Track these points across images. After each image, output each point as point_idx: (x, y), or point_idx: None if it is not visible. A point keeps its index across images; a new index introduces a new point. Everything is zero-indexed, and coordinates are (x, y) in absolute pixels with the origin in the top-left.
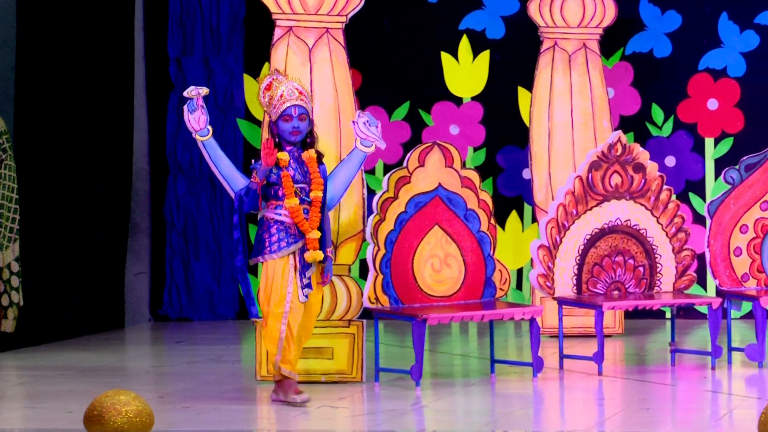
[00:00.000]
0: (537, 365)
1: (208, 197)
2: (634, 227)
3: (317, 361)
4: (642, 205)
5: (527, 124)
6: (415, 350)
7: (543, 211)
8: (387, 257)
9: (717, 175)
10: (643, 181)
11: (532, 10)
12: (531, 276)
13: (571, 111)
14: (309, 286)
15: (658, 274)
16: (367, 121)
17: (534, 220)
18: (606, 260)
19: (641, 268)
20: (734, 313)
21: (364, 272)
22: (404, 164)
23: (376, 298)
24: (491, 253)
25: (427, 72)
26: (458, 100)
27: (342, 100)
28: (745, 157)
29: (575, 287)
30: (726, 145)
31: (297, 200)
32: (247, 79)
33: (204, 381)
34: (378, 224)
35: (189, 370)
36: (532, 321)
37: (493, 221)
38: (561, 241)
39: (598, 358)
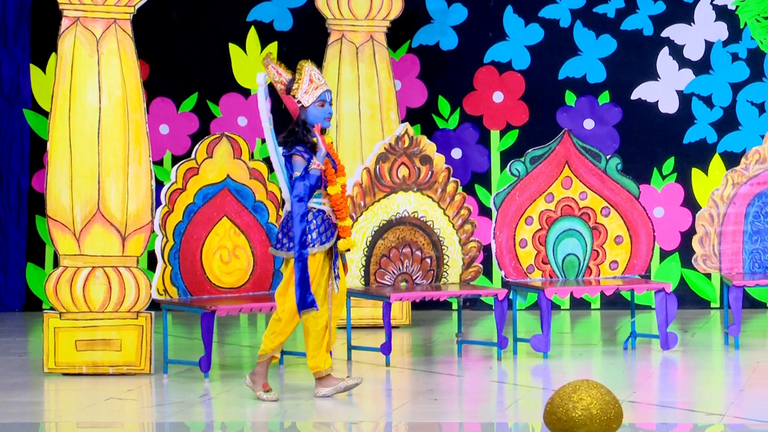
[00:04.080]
0: None
1: None
2: (421, 219)
3: (105, 352)
4: (429, 197)
5: None
6: (203, 342)
7: None
8: (175, 249)
9: (502, 168)
10: (429, 173)
11: (320, 2)
12: None
13: (358, 103)
14: (338, 276)
15: (445, 266)
16: None
17: None
18: (394, 252)
19: (428, 260)
20: (519, 304)
21: (152, 264)
22: (192, 156)
23: (165, 290)
24: None
25: (215, 63)
26: (246, 92)
27: (129, 92)
28: (530, 150)
29: (363, 279)
30: (511, 137)
31: (340, 187)
32: (34, 70)
33: None
34: (166, 216)
35: None
36: None
37: (281, 213)
38: None
39: (386, 349)
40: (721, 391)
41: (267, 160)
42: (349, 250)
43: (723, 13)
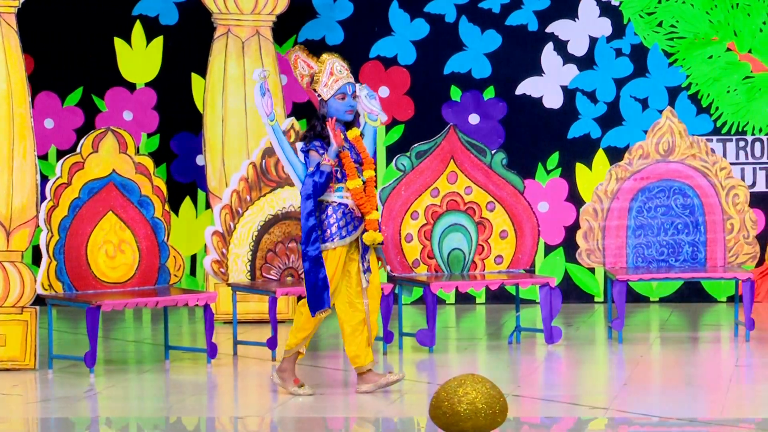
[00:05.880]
0: (211, 351)
1: None
2: None
3: None
4: None
5: (201, 111)
6: (89, 337)
7: (217, 197)
8: (61, 243)
9: (388, 162)
10: None
11: None
12: (205, 262)
13: (244, 98)
14: (369, 269)
15: None
16: (368, 94)
17: (208, 206)
18: (279, 246)
19: None
20: (405, 299)
21: (37, 258)
22: (78, 150)
23: (50, 285)
24: (165, 239)
25: (100, 58)
26: (132, 86)
27: (14, 86)
28: (415, 144)
29: (249, 273)
30: (397, 132)
31: (360, 181)
32: None
33: None
34: (51, 210)
35: None
36: (206, 307)
37: (167, 207)
38: (235, 228)
39: (272, 343)
40: (605, 385)
41: (152, 155)
42: (381, 243)
43: (607, 9)
